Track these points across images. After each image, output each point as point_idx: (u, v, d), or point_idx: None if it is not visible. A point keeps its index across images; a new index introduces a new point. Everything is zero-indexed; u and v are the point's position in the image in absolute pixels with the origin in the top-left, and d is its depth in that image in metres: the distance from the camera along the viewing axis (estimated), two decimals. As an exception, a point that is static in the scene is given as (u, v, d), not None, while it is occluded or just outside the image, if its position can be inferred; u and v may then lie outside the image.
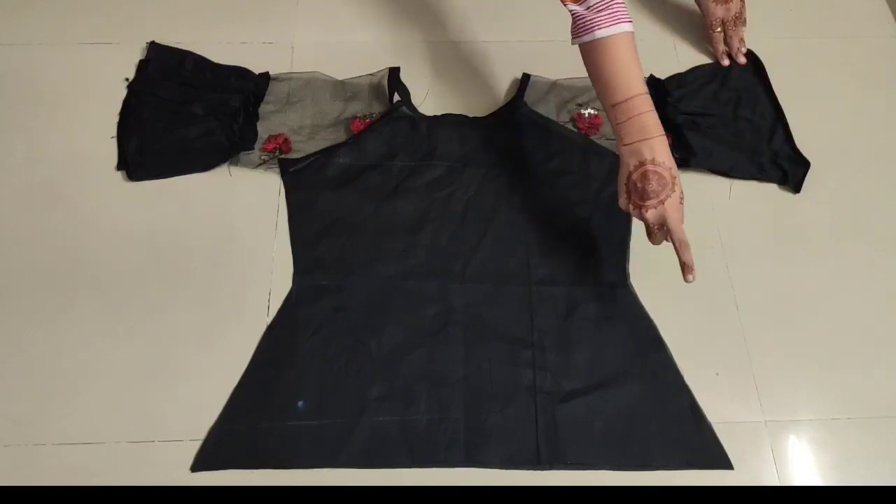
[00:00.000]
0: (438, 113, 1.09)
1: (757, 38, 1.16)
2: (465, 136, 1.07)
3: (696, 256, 0.96)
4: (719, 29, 1.14)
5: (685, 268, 0.80)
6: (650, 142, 0.80)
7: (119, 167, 1.03)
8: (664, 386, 0.90)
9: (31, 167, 1.03)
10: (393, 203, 1.01)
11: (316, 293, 0.94)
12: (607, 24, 0.80)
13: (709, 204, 1.03)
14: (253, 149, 1.04)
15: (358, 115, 1.07)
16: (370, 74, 1.11)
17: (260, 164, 1.02)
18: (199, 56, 1.11)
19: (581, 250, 0.98)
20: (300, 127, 1.06)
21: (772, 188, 1.05)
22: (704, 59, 1.17)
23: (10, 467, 0.83)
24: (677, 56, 1.17)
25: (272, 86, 1.10)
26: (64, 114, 1.07)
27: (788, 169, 1.04)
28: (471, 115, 1.09)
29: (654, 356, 0.92)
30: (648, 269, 0.96)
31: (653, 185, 0.79)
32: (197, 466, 0.84)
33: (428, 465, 0.84)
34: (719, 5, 1.13)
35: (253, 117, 1.06)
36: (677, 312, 0.94)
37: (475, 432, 0.86)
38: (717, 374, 0.91)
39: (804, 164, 1.04)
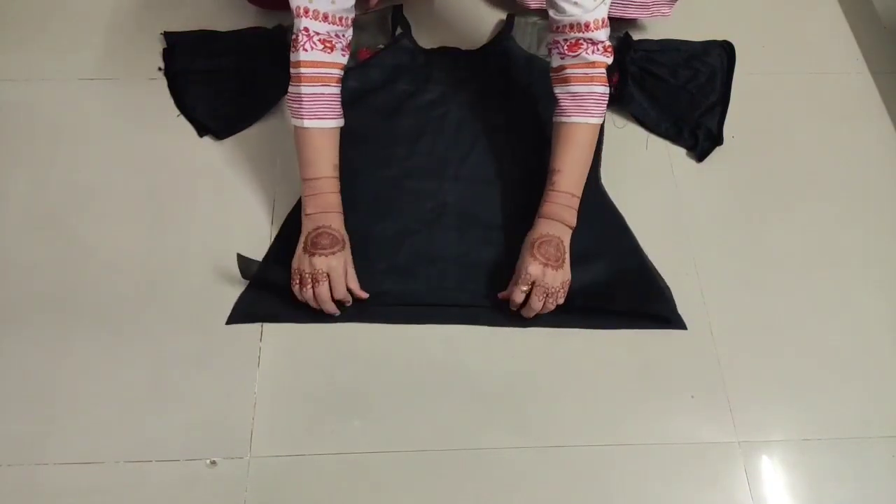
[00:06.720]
0: (436, 46, 1.22)
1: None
2: (459, 65, 1.20)
3: (673, 283, 1.01)
4: (525, 287, 0.93)
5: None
6: (329, 214, 0.95)
7: (202, 134, 1.13)
8: (630, 264, 1.03)
9: (33, 198, 1.06)
10: (395, 119, 1.14)
11: None
12: (311, 118, 0.94)
13: (684, 232, 1.07)
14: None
15: (365, 45, 1.19)
16: (377, 11, 1.22)
17: None
18: (210, 31, 1.22)
19: None
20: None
21: (746, 216, 1.09)
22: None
23: (12, 486, 0.86)
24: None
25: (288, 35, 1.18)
26: (65, 146, 1.11)
27: (701, 141, 1.15)
28: (464, 48, 1.22)
29: (622, 240, 1.05)
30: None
31: (324, 241, 0.93)
32: (231, 321, 0.97)
33: (426, 322, 0.98)
34: (537, 263, 0.92)
35: (284, 60, 1.13)
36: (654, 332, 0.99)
37: (467, 298, 1.00)
38: (692, 397, 0.95)
39: (716, 142, 1.15)
